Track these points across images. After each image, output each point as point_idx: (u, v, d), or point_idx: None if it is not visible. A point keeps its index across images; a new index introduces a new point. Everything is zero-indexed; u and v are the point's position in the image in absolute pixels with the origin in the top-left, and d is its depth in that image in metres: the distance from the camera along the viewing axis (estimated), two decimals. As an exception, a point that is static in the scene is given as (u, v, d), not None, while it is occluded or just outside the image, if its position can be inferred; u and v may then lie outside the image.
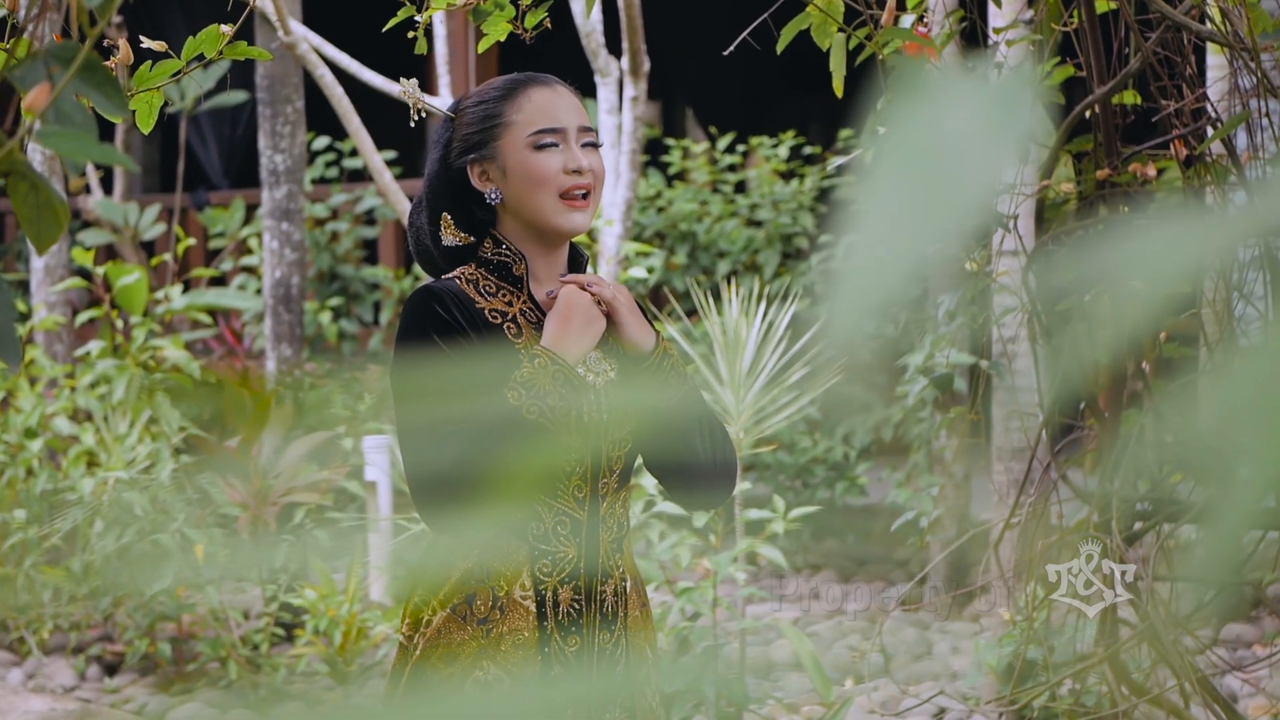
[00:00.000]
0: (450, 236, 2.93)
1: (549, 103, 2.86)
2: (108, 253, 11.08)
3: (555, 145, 2.83)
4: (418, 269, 10.72)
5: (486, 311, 2.82)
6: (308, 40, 6.81)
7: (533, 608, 2.79)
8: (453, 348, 2.76)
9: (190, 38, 2.59)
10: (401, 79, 3.02)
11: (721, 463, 2.91)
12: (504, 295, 2.87)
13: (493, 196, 2.87)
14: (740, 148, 10.47)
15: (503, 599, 2.79)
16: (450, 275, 2.89)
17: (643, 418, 2.90)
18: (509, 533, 2.80)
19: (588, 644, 2.83)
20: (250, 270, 10.60)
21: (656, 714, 2.93)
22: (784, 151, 10.10)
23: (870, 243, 0.84)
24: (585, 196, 2.85)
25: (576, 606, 2.83)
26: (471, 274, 2.88)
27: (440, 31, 7.73)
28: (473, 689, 2.76)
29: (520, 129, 2.84)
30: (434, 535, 2.69)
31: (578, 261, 2.96)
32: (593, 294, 2.83)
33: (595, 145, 2.89)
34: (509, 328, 2.83)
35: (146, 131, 2.58)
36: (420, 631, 2.81)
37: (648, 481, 5.48)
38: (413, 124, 2.98)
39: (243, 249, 10.90)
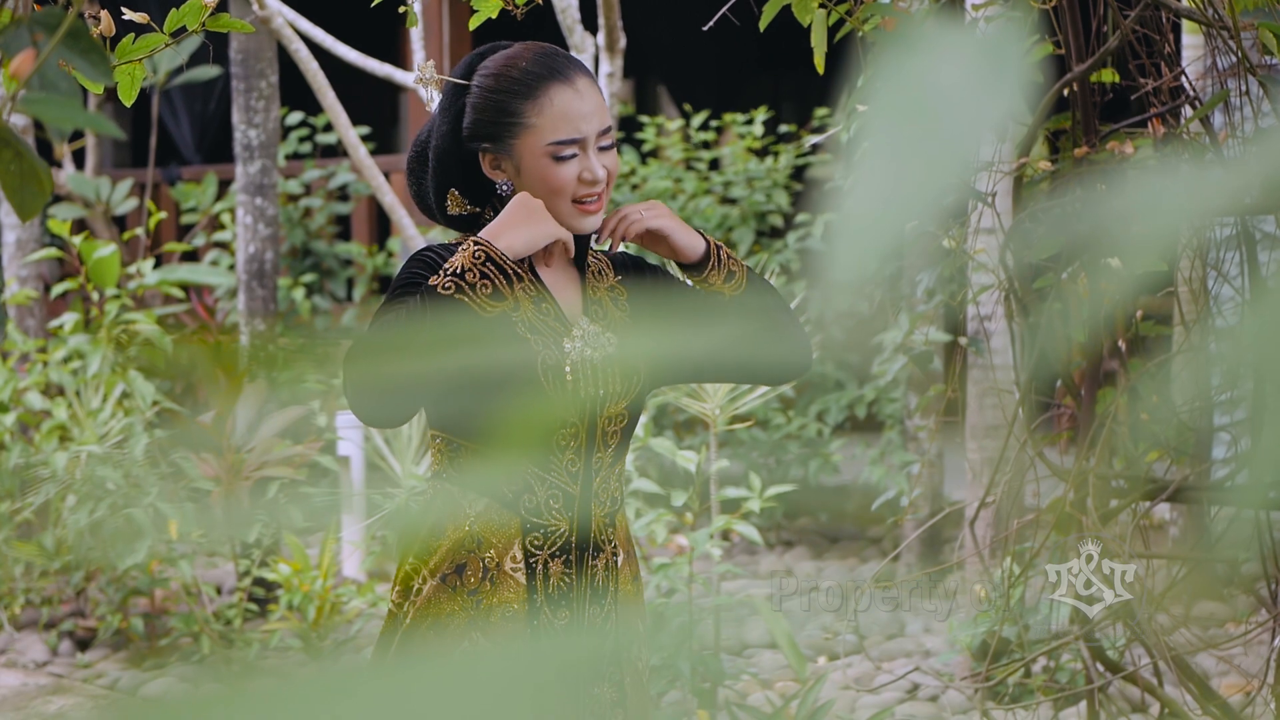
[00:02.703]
0: (456, 208, 2.92)
1: (571, 108, 2.79)
2: (79, 227, 11.02)
3: (574, 155, 2.79)
4: (391, 245, 10.70)
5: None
6: (282, 15, 6.78)
7: (523, 580, 2.79)
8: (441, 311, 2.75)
9: (173, 10, 2.57)
10: (418, 64, 2.99)
11: (803, 335, 2.99)
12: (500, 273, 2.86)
13: (504, 188, 2.85)
14: (714, 124, 10.46)
15: (493, 570, 2.78)
16: (456, 242, 2.87)
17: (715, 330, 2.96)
18: (501, 504, 2.80)
19: (577, 617, 2.83)
20: (223, 245, 10.56)
21: (645, 688, 2.93)
22: (758, 129, 10.08)
23: (868, 192, 0.83)
24: (599, 199, 2.83)
25: (567, 580, 2.82)
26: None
27: (414, 6, 7.69)
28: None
29: (539, 134, 2.79)
30: (355, 408, 2.65)
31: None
32: (632, 228, 2.86)
33: (613, 145, 2.85)
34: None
35: (129, 104, 2.57)
36: (410, 600, 2.81)
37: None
38: (429, 107, 2.94)
39: (215, 224, 10.86)
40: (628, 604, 2.92)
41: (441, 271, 2.67)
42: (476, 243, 2.70)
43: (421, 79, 2.96)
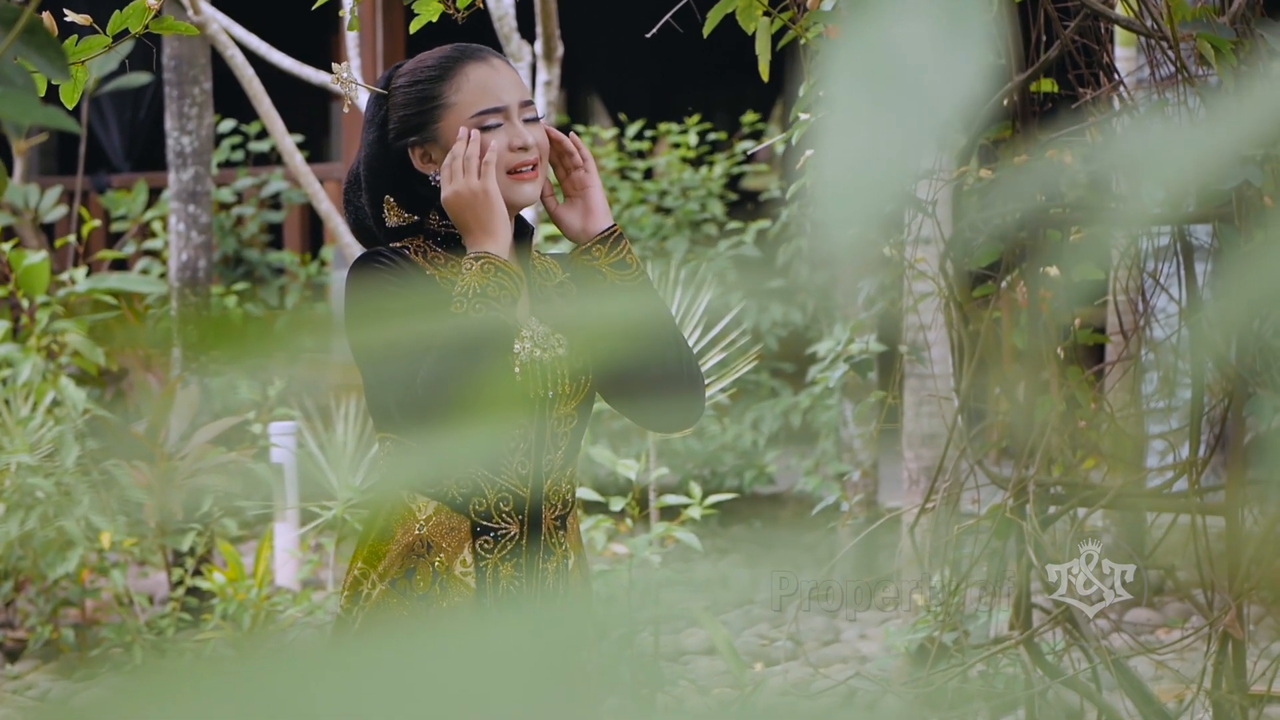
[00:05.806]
0: (394, 218, 2.90)
1: (488, 81, 2.82)
2: (6, 235, 10.92)
3: (498, 125, 2.81)
4: (324, 254, 10.64)
5: (437, 279, 2.81)
6: (217, 20, 6.74)
7: (473, 584, 2.78)
8: (405, 288, 2.75)
9: (116, 12, 2.55)
10: (334, 65, 2.97)
11: (693, 370, 2.90)
12: (453, 266, 2.84)
13: (437, 179, 2.84)
14: (648, 134, 10.47)
15: (443, 574, 2.77)
16: (398, 245, 2.87)
17: (613, 330, 2.90)
18: (451, 508, 2.78)
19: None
20: (153, 254, 10.48)
21: (597, 694, 2.93)
22: (692, 138, 10.10)
23: (842, 151, 0.82)
24: (533, 168, 2.84)
25: (518, 583, 2.81)
26: (419, 245, 2.86)
27: (355, 11, 7.65)
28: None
29: (461, 110, 2.80)
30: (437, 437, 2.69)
31: (524, 230, 2.94)
32: (582, 150, 2.88)
33: (537, 119, 2.88)
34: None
35: (72, 106, 2.54)
36: (360, 604, 2.79)
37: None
38: (346, 110, 2.94)
39: (146, 232, 10.77)
40: (578, 607, 2.92)
41: (460, 299, 2.67)
42: (477, 259, 2.70)
43: (337, 79, 2.95)
